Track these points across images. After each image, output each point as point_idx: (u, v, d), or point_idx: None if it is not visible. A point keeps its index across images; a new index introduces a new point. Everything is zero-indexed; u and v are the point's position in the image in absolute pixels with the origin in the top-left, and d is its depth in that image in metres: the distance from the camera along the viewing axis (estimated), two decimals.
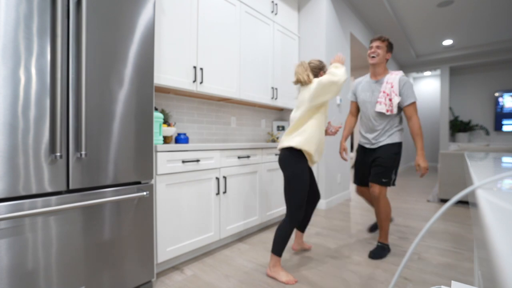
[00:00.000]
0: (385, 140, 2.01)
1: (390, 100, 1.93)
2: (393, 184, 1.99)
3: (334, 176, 3.46)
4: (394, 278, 0.52)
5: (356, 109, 2.26)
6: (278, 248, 1.62)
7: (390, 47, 2.00)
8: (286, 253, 1.98)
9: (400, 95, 1.93)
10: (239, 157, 2.16)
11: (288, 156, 1.65)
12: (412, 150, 8.24)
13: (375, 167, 1.99)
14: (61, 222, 1.13)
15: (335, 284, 1.56)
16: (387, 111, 1.94)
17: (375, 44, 1.98)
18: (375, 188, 1.95)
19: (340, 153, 2.16)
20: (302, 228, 1.98)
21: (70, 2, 1.15)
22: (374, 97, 2.02)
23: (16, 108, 1.01)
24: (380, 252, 1.92)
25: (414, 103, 1.92)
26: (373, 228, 2.40)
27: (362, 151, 2.17)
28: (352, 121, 2.28)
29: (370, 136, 2.08)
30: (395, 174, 2.00)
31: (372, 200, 2.20)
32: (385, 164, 1.95)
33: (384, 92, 1.96)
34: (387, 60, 2.02)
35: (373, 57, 1.98)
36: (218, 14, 2.33)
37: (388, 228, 1.98)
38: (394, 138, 2.00)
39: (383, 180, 1.94)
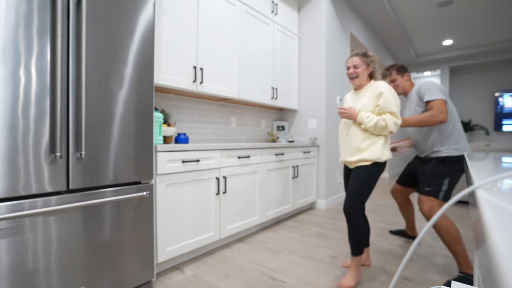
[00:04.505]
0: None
1: None
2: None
3: (334, 176, 3.46)
4: (394, 278, 0.52)
5: None
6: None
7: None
8: (286, 254, 1.98)
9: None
10: (239, 157, 2.16)
11: None
12: (412, 150, 8.24)
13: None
14: (61, 222, 1.13)
15: (335, 284, 1.56)
16: None
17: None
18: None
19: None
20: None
21: (70, 2, 1.15)
22: None
23: (16, 108, 1.01)
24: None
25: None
26: (397, 233, 2.38)
27: None
28: None
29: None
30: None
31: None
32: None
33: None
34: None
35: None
36: (218, 14, 2.33)
37: (462, 253, 1.61)
38: None
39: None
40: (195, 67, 2.11)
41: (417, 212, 3.11)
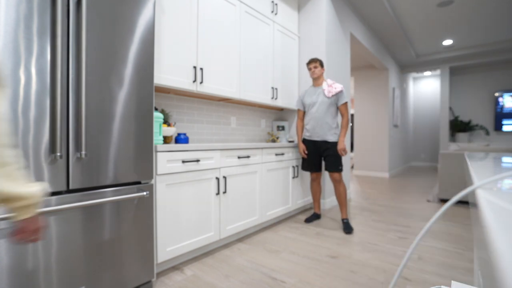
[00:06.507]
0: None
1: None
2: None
3: None
4: (394, 278, 0.52)
5: (303, 115, 2.82)
6: None
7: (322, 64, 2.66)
8: (286, 254, 1.98)
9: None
10: (239, 157, 2.16)
11: None
12: (412, 150, 8.24)
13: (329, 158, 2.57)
14: (61, 222, 1.13)
15: (335, 284, 1.56)
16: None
17: (312, 65, 2.64)
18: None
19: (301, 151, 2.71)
20: None
21: (70, 2, 1.15)
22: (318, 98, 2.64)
23: (16, 108, 1.01)
24: (350, 226, 2.47)
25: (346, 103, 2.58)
26: (311, 219, 2.76)
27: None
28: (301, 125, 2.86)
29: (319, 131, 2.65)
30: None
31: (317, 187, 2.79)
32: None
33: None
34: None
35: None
36: (218, 14, 2.33)
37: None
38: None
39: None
40: (195, 67, 2.11)
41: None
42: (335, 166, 2.53)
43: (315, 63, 2.63)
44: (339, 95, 2.56)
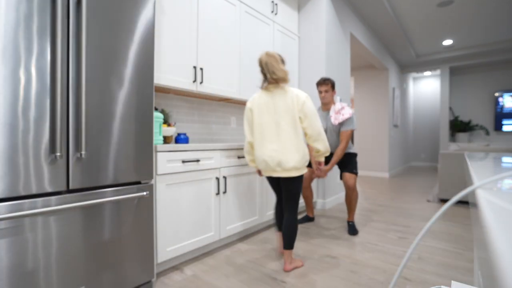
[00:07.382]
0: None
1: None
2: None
3: (334, 176, 3.46)
4: (394, 278, 0.52)
5: None
6: (292, 243, 1.74)
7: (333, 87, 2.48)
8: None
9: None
10: (239, 157, 2.16)
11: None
12: (412, 150, 8.24)
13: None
14: (61, 222, 1.13)
15: (335, 284, 1.56)
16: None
17: (323, 88, 2.42)
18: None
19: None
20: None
21: (70, 2, 1.15)
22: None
23: (16, 108, 1.01)
24: (356, 229, 2.43)
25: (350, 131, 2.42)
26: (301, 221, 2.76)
27: None
28: None
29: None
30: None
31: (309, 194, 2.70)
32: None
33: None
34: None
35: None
36: (218, 14, 2.33)
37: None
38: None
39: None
40: (195, 67, 2.11)
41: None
42: (350, 168, 2.44)
43: (326, 86, 2.40)
44: (345, 121, 2.39)
